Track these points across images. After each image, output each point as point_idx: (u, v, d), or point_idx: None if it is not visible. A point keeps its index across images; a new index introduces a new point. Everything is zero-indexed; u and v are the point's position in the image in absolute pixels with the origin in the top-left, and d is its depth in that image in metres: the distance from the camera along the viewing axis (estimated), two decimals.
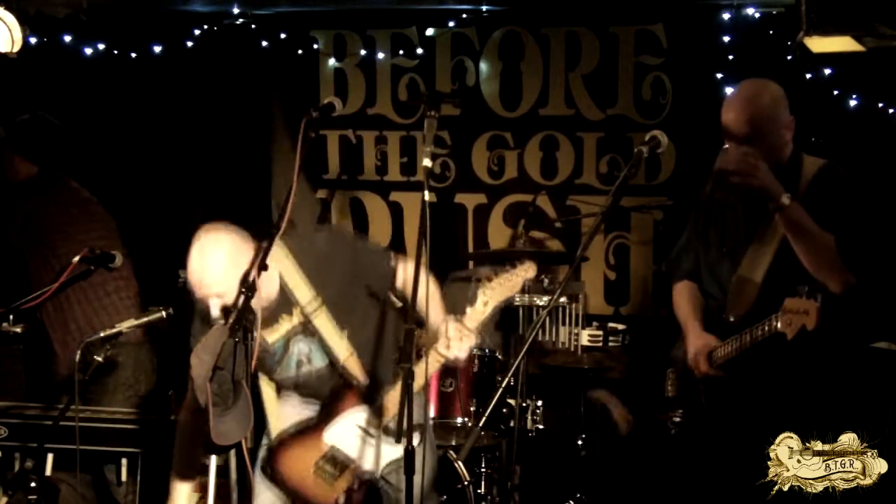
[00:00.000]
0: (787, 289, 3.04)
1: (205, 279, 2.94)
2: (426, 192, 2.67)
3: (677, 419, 3.55)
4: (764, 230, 3.21)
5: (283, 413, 3.31)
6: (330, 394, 3.25)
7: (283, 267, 3.11)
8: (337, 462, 3.17)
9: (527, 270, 3.12)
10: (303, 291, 3.13)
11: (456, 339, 3.02)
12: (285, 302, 3.15)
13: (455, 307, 4.85)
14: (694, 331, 3.38)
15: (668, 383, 3.64)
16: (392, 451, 3.16)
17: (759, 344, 3.07)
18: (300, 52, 6.01)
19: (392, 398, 3.11)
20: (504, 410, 4.28)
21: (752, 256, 3.23)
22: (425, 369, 3.02)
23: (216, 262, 2.93)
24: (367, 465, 3.18)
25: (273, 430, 3.27)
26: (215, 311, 2.92)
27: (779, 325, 2.95)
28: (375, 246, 3.38)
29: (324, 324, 3.17)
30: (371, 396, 3.21)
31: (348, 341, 3.20)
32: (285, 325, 3.20)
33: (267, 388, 3.31)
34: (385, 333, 3.30)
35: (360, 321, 3.26)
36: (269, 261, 2.84)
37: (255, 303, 2.82)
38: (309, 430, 3.22)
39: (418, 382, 2.70)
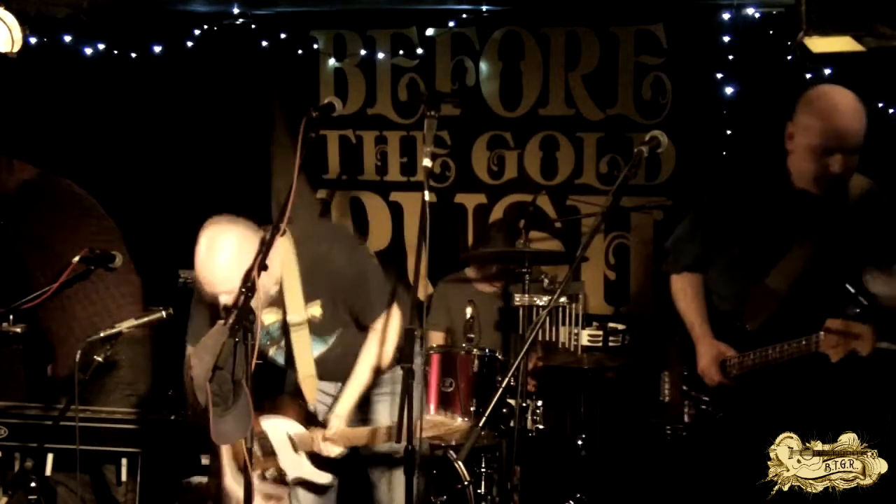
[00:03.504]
0: (810, 301, 3.02)
1: (215, 277, 2.94)
2: (426, 192, 2.67)
3: (678, 425, 3.51)
4: (800, 244, 3.14)
5: None
6: (283, 392, 3.34)
7: (285, 262, 3.12)
8: (264, 448, 3.28)
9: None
10: (294, 299, 3.14)
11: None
12: (280, 301, 3.17)
13: (450, 310, 4.90)
14: (704, 337, 3.32)
15: (664, 386, 3.59)
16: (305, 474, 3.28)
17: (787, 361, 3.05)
18: (300, 52, 6.01)
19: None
20: (504, 410, 4.28)
21: (782, 268, 3.16)
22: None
23: (224, 258, 2.92)
24: (285, 466, 3.28)
25: None
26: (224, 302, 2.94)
27: (821, 345, 2.92)
28: (382, 281, 3.33)
29: (301, 340, 3.20)
30: (311, 421, 3.29)
31: (315, 363, 3.25)
32: (272, 316, 3.23)
33: None
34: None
35: (337, 343, 3.30)
36: (274, 254, 2.84)
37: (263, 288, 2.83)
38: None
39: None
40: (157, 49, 6.01)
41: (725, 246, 3.33)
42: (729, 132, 5.37)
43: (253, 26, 5.92)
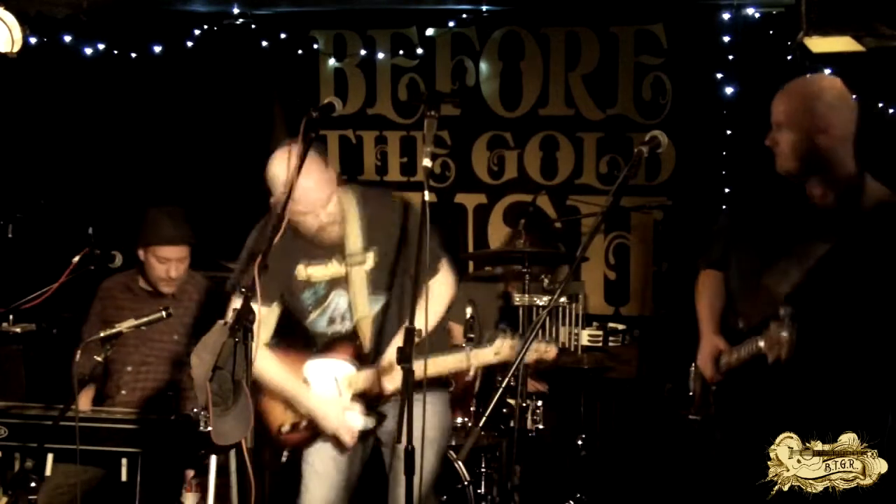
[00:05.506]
0: (805, 310, 2.96)
1: (310, 194, 3.07)
2: (426, 192, 2.67)
3: (693, 416, 3.50)
4: (803, 248, 3.07)
5: None
6: (331, 336, 3.32)
7: (348, 211, 3.20)
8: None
9: (547, 351, 3.21)
10: (354, 241, 3.22)
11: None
12: (338, 247, 3.23)
13: (477, 303, 4.86)
14: (707, 332, 3.30)
15: (691, 378, 3.51)
16: (351, 419, 3.25)
17: (752, 360, 3.05)
18: (300, 52, 6.02)
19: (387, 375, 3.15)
20: (504, 410, 4.28)
21: (782, 269, 3.09)
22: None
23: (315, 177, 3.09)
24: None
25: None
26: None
27: (762, 345, 2.93)
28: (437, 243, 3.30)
29: (359, 279, 3.24)
30: (364, 361, 3.25)
31: (372, 307, 3.26)
32: (332, 269, 3.27)
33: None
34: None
35: (397, 296, 3.28)
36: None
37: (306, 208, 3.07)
38: (295, 351, 3.32)
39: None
40: (157, 49, 6.02)
41: (744, 252, 3.26)
42: (729, 132, 5.38)
43: (253, 26, 5.93)
